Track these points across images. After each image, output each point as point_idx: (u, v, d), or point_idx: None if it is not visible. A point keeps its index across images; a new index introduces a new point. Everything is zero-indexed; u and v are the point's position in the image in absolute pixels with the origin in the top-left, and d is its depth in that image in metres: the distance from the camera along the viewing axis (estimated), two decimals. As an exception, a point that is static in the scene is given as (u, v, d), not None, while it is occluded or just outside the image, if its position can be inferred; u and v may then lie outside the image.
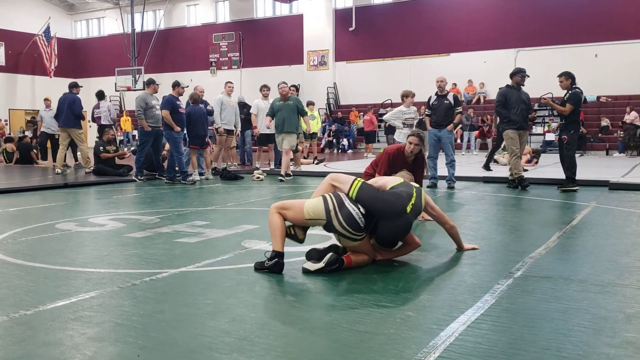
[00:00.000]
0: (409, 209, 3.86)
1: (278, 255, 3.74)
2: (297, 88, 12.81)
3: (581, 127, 17.60)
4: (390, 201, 3.83)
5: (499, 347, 2.50)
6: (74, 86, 12.21)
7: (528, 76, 8.96)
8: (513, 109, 8.76)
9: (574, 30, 21.03)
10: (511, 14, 22.23)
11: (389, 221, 3.81)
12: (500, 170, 11.18)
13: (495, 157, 13.51)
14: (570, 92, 8.37)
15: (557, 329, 2.73)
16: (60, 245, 4.82)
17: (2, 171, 13.53)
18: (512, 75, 8.99)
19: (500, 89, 9.14)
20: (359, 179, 3.98)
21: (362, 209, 3.78)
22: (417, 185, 4.20)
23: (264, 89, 12.25)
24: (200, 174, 10.74)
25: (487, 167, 11.50)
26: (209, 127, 11.57)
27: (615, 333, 2.67)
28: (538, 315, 2.93)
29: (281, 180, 10.14)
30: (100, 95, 14.12)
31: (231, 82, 12.14)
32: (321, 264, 3.76)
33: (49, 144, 15.12)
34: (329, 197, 3.81)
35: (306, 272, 3.77)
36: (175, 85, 10.37)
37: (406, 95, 9.04)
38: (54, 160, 13.69)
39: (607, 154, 18.61)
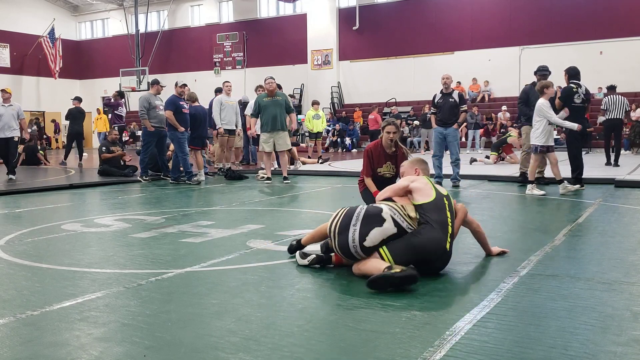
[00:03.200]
0: (448, 245, 3.65)
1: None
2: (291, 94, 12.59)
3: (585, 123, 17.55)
4: (427, 249, 3.59)
5: (505, 346, 2.50)
6: (217, 91, 12.46)
7: (550, 72, 8.88)
8: (534, 106, 8.76)
9: (579, 27, 20.94)
10: (515, 11, 22.16)
11: (431, 263, 3.67)
12: (505, 169, 11.15)
13: (479, 158, 13.49)
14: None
15: (563, 327, 2.72)
16: (66, 246, 4.83)
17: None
18: (535, 73, 9.03)
19: (526, 85, 9.25)
20: (383, 250, 3.60)
21: (367, 241, 3.57)
22: (446, 194, 3.94)
23: (260, 89, 11.62)
24: (194, 176, 10.17)
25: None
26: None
27: (622, 331, 2.66)
28: (544, 314, 2.92)
29: (267, 179, 9.81)
30: (122, 94, 14.26)
31: (229, 82, 12.11)
32: (305, 262, 3.91)
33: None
34: (338, 216, 3.76)
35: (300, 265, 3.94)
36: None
37: (547, 86, 8.00)
38: (11, 171, 11.18)
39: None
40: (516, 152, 12.73)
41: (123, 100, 14.17)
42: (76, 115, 14.85)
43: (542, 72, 8.81)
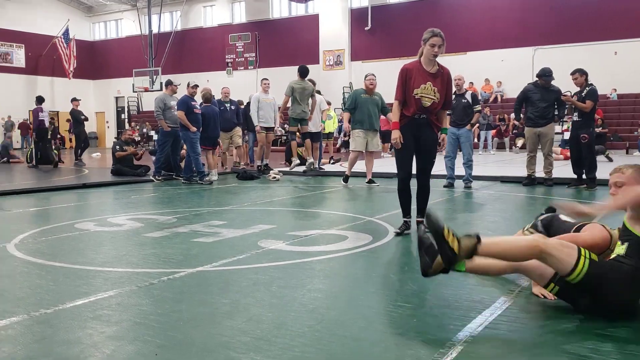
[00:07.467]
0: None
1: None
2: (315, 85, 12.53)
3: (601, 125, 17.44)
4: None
5: (516, 348, 2.49)
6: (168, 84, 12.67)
7: (553, 78, 8.85)
8: (531, 107, 8.81)
9: (593, 27, 20.75)
10: (529, 12, 22.01)
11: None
12: (517, 170, 11.09)
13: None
14: (588, 88, 8.40)
15: (573, 329, 2.70)
16: (79, 244, 4.87)
17: (22, 172, 13.72)
18: (538, 76, 9.00)
19: (528, 84, 9.20)
20: (585, 253, 2.81)
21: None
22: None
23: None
24: (205, 175, 10.19)
25: None
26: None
27: (636, 334, 2.64)
28: (555, 316, 2.90)
29: (371, 182, 9.28)
30: (41, 99, 14.57)
31: (267, 79, 12.19)
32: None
33: None
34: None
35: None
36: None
37: None
38: None
39: (627, 152, 18.37)
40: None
41: (43, 104, 14.70)
42: (74, 116, 15.42)
43: (546, 78, 8.74)
